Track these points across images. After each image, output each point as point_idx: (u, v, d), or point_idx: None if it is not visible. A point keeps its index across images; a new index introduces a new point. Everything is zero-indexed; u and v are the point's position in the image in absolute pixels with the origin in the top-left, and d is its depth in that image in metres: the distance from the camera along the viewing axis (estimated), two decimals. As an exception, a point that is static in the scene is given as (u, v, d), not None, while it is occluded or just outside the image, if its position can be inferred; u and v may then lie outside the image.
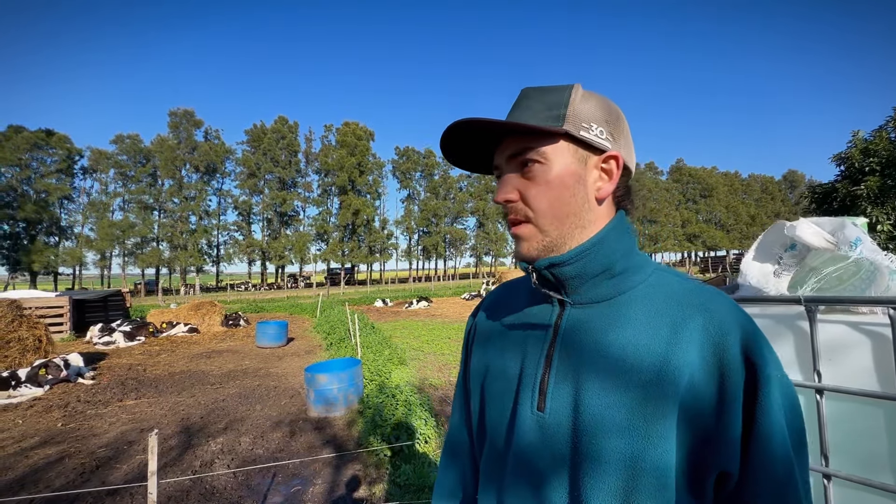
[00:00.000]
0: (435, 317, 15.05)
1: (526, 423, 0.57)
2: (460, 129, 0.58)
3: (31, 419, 5.11)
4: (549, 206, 0.57)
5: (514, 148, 0.58)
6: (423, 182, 51.24)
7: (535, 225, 0.58)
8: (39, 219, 34.99)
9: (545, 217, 0.58)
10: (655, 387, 0.51)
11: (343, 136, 44.99)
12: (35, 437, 4.49)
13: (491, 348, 0.68)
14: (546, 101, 0.58)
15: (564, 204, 0.57)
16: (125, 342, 10.23)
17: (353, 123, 46.38)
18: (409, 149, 50.44)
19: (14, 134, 34.47)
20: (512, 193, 0.58)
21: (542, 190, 0.57)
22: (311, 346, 9.72)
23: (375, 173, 47.62)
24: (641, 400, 0.51)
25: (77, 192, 38.90)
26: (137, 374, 7.36)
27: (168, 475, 3.52)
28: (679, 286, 0.58)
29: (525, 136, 0.57)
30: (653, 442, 0.49)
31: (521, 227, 0.59)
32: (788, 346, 1.17)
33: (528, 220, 0.58)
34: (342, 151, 44.11)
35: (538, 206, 0.57)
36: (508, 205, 0.59)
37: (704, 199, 59.14)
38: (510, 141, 0.59)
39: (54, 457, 3.99)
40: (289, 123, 45.57)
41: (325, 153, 45.08)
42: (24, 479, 3.56)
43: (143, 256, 37.80)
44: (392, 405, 4.53)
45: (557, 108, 0.57)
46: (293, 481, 3.41)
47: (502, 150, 0.60)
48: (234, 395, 5.84)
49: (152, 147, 39.33)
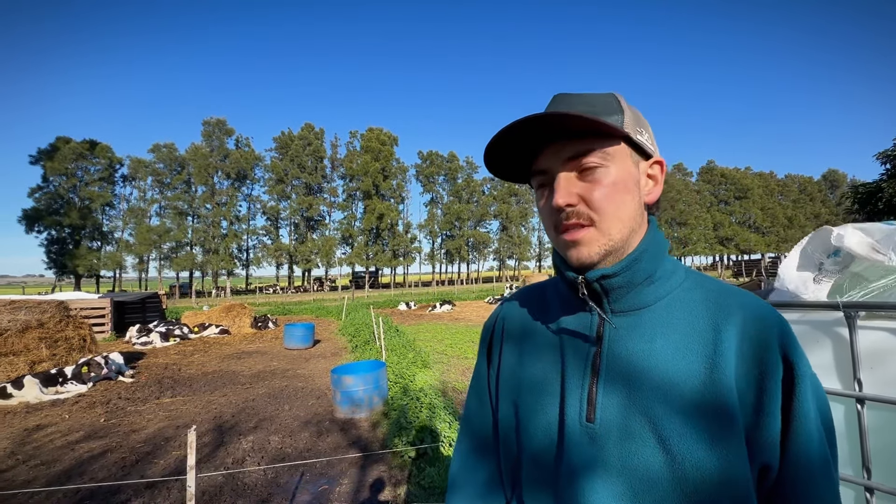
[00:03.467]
0: (458, 320, 15.05)
1: (575, 434, 0.56)
2: (527, 124, 0.54)
3: (76, 414, 5.39)
4: (615, 208, 0.56)
5: (574, 149, 0.56)
6: (447, 186, 51.38)
7: (598, 228, 0.56)
8: (83, 225, 36.93)
9: (611, 220, 0.56)
10: (708, 391, 0.51)
11: (367, 142, 45.66)
12: (80, 432, 4.74)
13: (524, 353, 0.66)
14: (597, 105, 0.58)
15: (627, 207, 0.57)
16: (161, 342, 10.66)
17: (378, 129, 47.04)
18: (432, 153, 50.72)
19: (63, 145, 36.60)
20: (573, 197, 0.56)
21: (607, 192, 0.55)
22: (336, 349, 9.89)
23: (399, 178, 48.08)
24: (697, 404, 0.51)
25: (117, 199, 40.89)
26: (173, 373, 7.67)
27: (202, 470, 3.65)
28: (714, 287, 0.59)
29: (586, 137, 0.55)
30: (714, 448, 0.50)
31: (582, 231, 0.56)
32: (826, 354, 1.13)
33: (592, 224, 0.56)
34: (366, 157, 44.76)
35: (604, 208, 0.55)
36: (568, 209, 0.56)
37: (738, 201, 56.98)
38: (569, 142, 0.56)
39: (97, 450, 4.20)
40: (315, 130, 46.61)
41: (350, 159, 45.84)
42: (70, 470, 3.77)
43: (178, 260, 39.35)
44: (416, 408, 4.56)
45: (613, 111, 0.57)
46: (320, 480, 3.48)
47: (556, 151, 0.57)
48: (263, 395, 6.00)
49: (187, 155, 40.99)
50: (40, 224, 35.66)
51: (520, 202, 53.70)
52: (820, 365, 1.12)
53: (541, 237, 56.95)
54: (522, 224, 53.22)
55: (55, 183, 36.47)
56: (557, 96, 0.61)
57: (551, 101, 0.60)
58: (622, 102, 0.59)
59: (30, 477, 3.66)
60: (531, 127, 0.55)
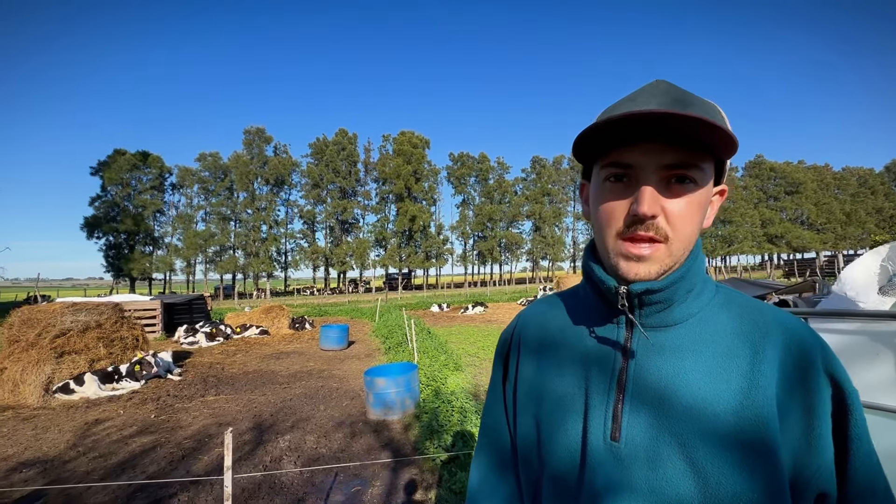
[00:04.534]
0: (491, 322, 14.96)
1: (599, 453, 0.53)
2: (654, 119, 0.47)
3: (129, 410, 5.75)
4: (691, 230, 0.52)
5: (677, 157, 0.50)
6: (478, 187, 51.27)
7: (668, 247, 0.52)
8: (137, 230, 39.49)
9: (683, 241, 0.52)
10: (746, 415, 0.48)
11: (399, 145, 46.28)
12: (133, 427, 5.04)
13: (544, 366, 0.63)
14: (716, 116, 0.52)
15: (696, 231, 0.54)
16: (206, 342, 11.20)
17: (409, 132, 47.57)
18: (463, 154, 50.76)
19: (119, 156, 39.33)
20: (658, 207, 0.51)
21: (690, 211, 0.51)
22: (370, 350, 10.05)
23: (431, 180, 48.42)
24: (733, 428, 0.48)
25: (167, 206, 43.43)
26: (217, 372, 8.03)
27: (242, 468, 3.79)
28: (747, 305, 0.56)
29: (692, 147, 0.50)
30: (752, 475, 0.47)
31: (653, 247, 0.52)
32: (887, 367, 1.03)
33: (665, 241, 0.52)
34: (399, 160, 45.38)
35: (681, 229, 0.51)
36: (647, 220, 0.51)
37: (790, 196, 53.63)
38: (671, 148, 0.50)
39: (148, 445, 4.45)
40: (349, 135, 47.72)
41: (383, 162, 46.60)
42: (124, 463, 4.02)
43: (222, 263, 41.36)
44: (448, 411, 4.56)
45: (722, 123, 0.51)
46: (354, 481, 3.54)
47: (655, 153, 0.50)
48: (300, 395, 6.18)
49: (229, 163, 43.03)
50: (99, 230, 38.45)
51: (553, 202, 52.82)
52: (877, 378, 1.03)
53: (575, 237, 55.79)
54: (556, 224, 52.24)
55: (112, 192, 39.23)
56: (667, 86, 0.53)
57: (655, 85, 0.53)
58: (725, 118, 0.54)
59: (89, 468, 3.92)
60: (645, 119, 0.47)
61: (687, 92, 0.53)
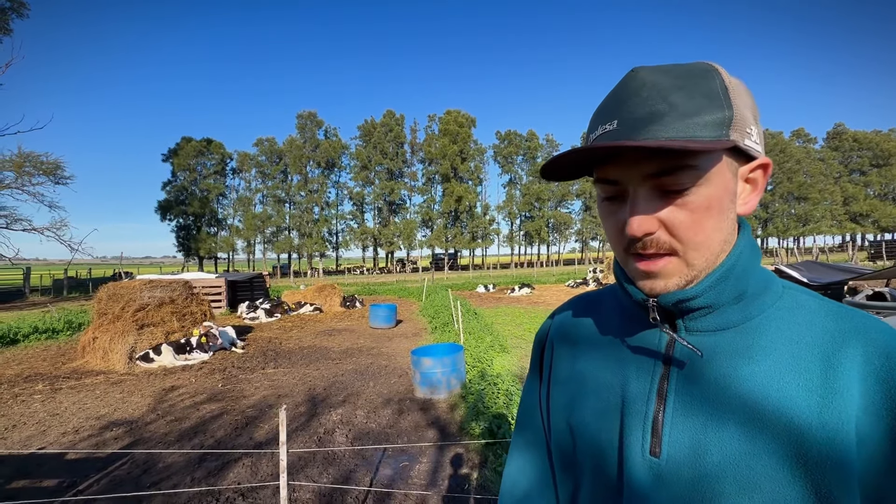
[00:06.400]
0: (538, 304, 14.76)
1: (638, 470, 0.48)
2: (579, 154, 0.44)
3: (200, 379, 6.28)
4: (705, 236, 0.46)
5: (656, 166, 0.44)
6: (525, 165, 50.10)
7: (681, 258, 0.47)
8: (203, 213, 42.53)
9: (697, 249, 0.46)
10: (815, 434, 0.41)
11: (445, 125, 45.99)
12: (203, 395, 5.51)
13: (578, 371, 0.59)
14: (697, 95, 0.43)
15: (719, 230, 0.47)
16: (266, 318, 11.95)
17: (455, 111, 47.07)
18: (510, 132, 49.61)
19: (186, 144, 42.25)
20: (652, 223, 0.45)
21: (696, 217, 0.45)
22: (417, 329, 10.27)
23: (477, 159, 47.93)
24: (798, 449, 0.41)
25: (229, 190, 46.29)
26: (275, 346, 8.56)
27: (297, 438, 4.04)
28: (821, 307, 0.48)
29: (668, 153, 0.43)
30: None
31: (660, 262, 0.47)
32: None
33: (673, 253, 0.47)
34: (444, 140, 45.18)
35: (689, 238, 0.45)
36: (645, 238, 0.46)
37: (877, 170, 47.80)
38: (648, 157, 0.44)
39: (217, 412, 4.85)
40: (395, 116, 48.04)
41: (429, 142, 46.63)
42: (196, 428, 4.41)
43: (278, 243, 43.75)
44: (493, 393, 4.57)
45: (718, 107, 0.43)
46: (402, 457, 3.66)
47: (635, 163, 0.45)
48: (350, 371, 6.45)
49: (284, 147, 44.91)
50: (170, 213, 41.88)
51: (605, 180, 50.63)
52: None
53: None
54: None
55: (181, 177, 42.38)
56: (635, 75, 0.46)
57: (626, 82, 0.47)
58: (726, 81, 0.45)
59: (167, 430, 4.35)
60: (582, 156, 0.45)
61: (661, 71, 0.45)
